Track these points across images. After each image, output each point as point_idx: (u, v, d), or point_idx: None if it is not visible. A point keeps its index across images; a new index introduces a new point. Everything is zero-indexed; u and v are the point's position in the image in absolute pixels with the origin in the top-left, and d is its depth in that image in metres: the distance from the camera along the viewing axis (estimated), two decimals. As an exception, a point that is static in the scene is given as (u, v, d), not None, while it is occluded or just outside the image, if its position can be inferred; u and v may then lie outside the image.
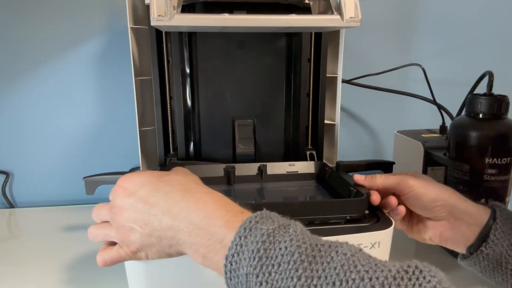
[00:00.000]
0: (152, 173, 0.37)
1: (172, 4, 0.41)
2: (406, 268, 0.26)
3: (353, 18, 0.44)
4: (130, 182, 0.36)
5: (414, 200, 0.47)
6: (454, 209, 0.45)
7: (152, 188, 0.35)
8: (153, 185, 0.36)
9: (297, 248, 0.28)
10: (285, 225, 0.31)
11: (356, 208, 0.45)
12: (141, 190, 0.36)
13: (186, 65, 0.59)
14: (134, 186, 0.36)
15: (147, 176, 0.37)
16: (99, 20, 0.74)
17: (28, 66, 0.75)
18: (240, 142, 0.60)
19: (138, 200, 0.35)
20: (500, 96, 0.54)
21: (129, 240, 0.36)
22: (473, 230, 0.45)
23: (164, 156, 0.60)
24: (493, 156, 0.53)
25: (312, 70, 0.63)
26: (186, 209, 0.33)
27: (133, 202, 0.35)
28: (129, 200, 0.36)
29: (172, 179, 0.37)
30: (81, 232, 0.67)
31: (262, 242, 0.29)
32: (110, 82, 0.77)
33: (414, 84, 0.84)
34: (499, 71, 0.57)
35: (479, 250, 0.44)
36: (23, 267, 0.57)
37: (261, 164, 0.58)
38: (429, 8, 0.84)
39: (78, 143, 0.79)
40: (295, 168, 0.59)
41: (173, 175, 0.38)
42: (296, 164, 0.59)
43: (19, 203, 0.81)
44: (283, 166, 0.59)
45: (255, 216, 0.31)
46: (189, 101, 0.60)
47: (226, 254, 0.30)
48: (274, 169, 0.58)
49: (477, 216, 0.45)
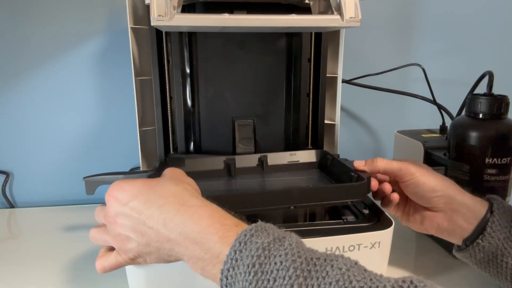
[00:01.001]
0: (143, 182, 0.37)
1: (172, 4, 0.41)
2: (401, 284, 0.26)
3: (353, 18, 0.44)
4: (121, 192, 0.36)
5: (414, 188, 0.46)
6: (452, 200, 0.45)
7: (145, 199, 0.35)
8: (145, 196, 0.35)
9: (292, 263, 0.28)
10: (280, 238, 0.31)
11: (357, 192, 0.45)
12: (133, 201, 0.35)
13: (186, 65, 0.59)
14: (125, 197, 0.35)
15: (139, 186, 0.36)
16: (99, 20, 0.74)
17: (28, 66, 0.75)
18: (240, 142, 0.60)
19: (132, 211, 0.35)
20: (500, 96, 0.54)
21: (127, 248, 0.36)
22: (470, 222, 0.45)
23: (164, 156, 0.60)
24: (493, 156, 0.53)
25: (312, 70, 0.63)
26: (182, 224, 0.33)
27: (128, 211, 0.35)
28: (123, 209, 0.35)
29: (165, 190, 0.36)
30: (81, 232, 0.67)
31: (257, 257, 0.29)
32: (110, 82, 0.77)
33: (414, 84, 0.84)
34: (499, 71, 0.57)
35: (475, 243, 0.44)
36: (23, 267, 0.57)
37: (261, 155, 0.57)
38: (429, 8, 0.84)
39: (78, 143, 0.79)
40: (296, 157, 0.58)
41: (165, 185, 0.37)
42: (297, 154, 0.58)
43: (19, 203, 0.81)
44: (284, 156, 0.58)
45: (250, 229, 0.31)
46: (189, 101, 0.60)
47: (222, 269, 0.30)
48: (275, 160, 0.58)
49: (474, 209, 0.45)
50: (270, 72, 0.61)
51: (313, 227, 0.47)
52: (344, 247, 0.45)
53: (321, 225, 0.47)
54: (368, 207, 0.52)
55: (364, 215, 0.50)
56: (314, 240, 0.44)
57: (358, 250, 0.45)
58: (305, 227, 0.47)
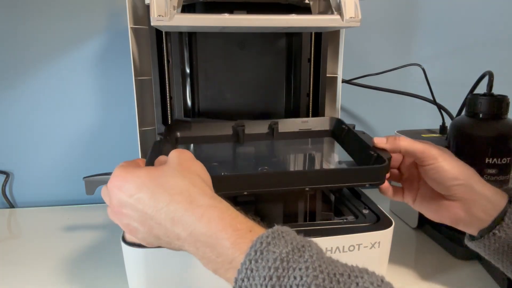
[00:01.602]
0: (147, 173, 0.34)
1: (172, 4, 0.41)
2: None
3: (353, 18, 0.44)
4: (125, 183, 0.34)
5: (435, 173, 0.43)
6: (472, 190, 0.43)
7: (151, 194, 0.33)
8: (150, 190, 0.33)
9: (313, 279, 0.26)
10: (299, 247, 0.29)
11: (377, 175, 0.42)
12: (138, 194, 0.33)
13: (186, 65, 0.59)
14: (130, 188, 0.33)
15: (143, 178, 0.34)
16: (99, 20, 0.74)
17: (28, 66, 0.75)
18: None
19: (138, 203, 0.33)
20: (500, 96, 0.54)
21: (137, 237, 0.35)
22: (489, 214, 0.42)
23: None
24: (493, 156, 0.53)
25: (312, 70, 0.62)
26: (190, 225, 0.31)
27: (133, 203, 0.33)
28: (128, 200, 0.33)
29: (170, 184, 0.33)
30: (81, 232, 0.67)
31: (275, 269, 0.27)
32: (110, 82, 0.77)
33: (414, 84, 0.84)
34: (499, 71, 0.57)
35: (492, 233, 0.42)
36: (23, 267, 0.57)
37: (272, 121, 0.54)
38: (429, 8, 0.84)
39: (78, 143, 0.79)
40: (308, 125, 0.55)
41: (171, 177, 0.34)
42: (309, 121, 0.56)
43: (19, 203, 0.81)
44: (295, 123, 0.55)
45: (266, 236, 0.29)
46: (189, 101, 0.60)
47: (236, 277, 0.28)
48: (286, 127, 0.54)
49: (494, 201, 0.42)
50: (270, 72, 0.61)
51: (313, 227, 0.47)
52: (344, 247, 0.45)
53: (321, 225, 0.47)
54: (368, 207, 0.52)
55: (364, 215, 0.50)
56: (314, 240, 0.44)
57: (358, 250, 0.45)
58: (305, 227, 0.47)
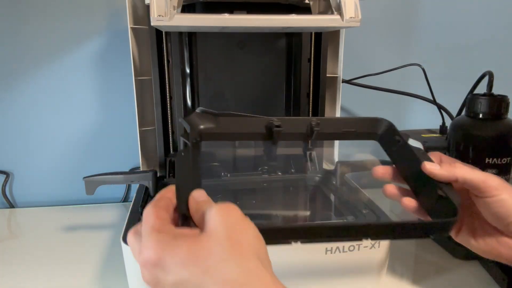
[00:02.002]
0: (188, 250, 0.26)
1: (172, 4, 0.41)
2: None
3: (353, 18, 0.44)
4: (160, 260, 0.26)
5: (496, 207, 0.37)
6: None
7: (195, 282, 0.26)
8: (194, 277, 0.26)
9: None
10: None
11: (445, 228, 0.35)
12: (179, 277, 0.26)
13: (186, 65, 0.59)
14: (167, 272, 0.26)
15: (184, 259, 0.26)
16: (99, 20, 0.74)
17: (28, 66, 0.75)
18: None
19: (186, 283, 0.26)
20: (500, 96, 0.54)
21: None
22: None
23: (164, 156, 0.60)
24: (493, 156, 0.53)
25: (312, 70, 0.63)
26: None
27: (173, 284, 0.26)
28: (167, 278, 0.26)
29: (222, 274, 0.26)
30: (81, 232, 0.67)
31: None
32: (110, 82, 0.77)
33: (414, 84, 0.84)
34: (499, 71, 0.57)
35: None
36: (23, 267, 0.57)
37: (314, 118, 0.46)
38: (429, 8, 0.84)
39: (78, 143, 0.79)
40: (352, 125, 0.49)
41: (220, 263, 0.26)
42: (355, 120, 0.50)
43: (19, 203, 0.81)
44: (339, 123, 0.48)
45: None
46: (189, 101, 0.60)
47: None
48: (328, 127, 0.46)
49: None
50: (270, 72, 0.61)
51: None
52: (344, 247, 0.45)
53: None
54: (368, 207, 0.52)
55: (364, 215, 0.50)
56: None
57: (358, 250, 0.45)
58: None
